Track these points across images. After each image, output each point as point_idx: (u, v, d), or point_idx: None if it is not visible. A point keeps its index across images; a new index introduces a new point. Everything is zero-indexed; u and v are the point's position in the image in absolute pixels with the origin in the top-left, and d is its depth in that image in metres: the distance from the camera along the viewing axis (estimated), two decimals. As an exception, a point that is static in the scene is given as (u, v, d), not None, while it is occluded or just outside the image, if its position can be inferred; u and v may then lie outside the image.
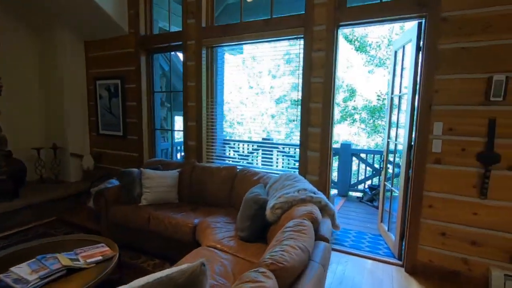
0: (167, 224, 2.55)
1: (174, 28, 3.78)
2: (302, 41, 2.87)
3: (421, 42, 2.48)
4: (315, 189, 2.24)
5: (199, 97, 3.49)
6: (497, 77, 2.15)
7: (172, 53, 4.92)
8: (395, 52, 3.16)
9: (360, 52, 7.68)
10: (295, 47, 2.96)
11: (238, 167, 3.17)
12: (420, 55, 2.49)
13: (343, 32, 7.44)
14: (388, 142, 3.32)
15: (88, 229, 3.32)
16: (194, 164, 3.31)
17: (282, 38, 2.99)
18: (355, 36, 7.36)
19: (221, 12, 4.30)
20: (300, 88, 2.90)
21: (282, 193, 2.09)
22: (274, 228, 2.03)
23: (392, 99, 3.27)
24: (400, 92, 3.02)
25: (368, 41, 7.46)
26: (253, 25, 3.06)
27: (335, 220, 2.09)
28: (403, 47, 2.92)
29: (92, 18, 3.72)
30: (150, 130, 4.05)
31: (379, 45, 7.47)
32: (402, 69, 2.99)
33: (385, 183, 3.34)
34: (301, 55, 2.88)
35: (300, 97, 2.92)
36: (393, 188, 3.09)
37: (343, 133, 8.56)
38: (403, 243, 2.71)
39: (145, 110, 3.97)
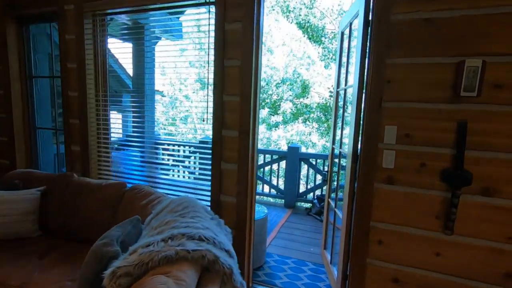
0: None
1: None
2: (214, 9, 2.03)
3: (370, 14, 1.77)
4: (208, 231, 1.42)
5: (83, 85, 2.51)
6: (471, 62, 1.49)
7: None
8: (342, 34, 2.46)
9: (314, 42, 7.05)
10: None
11: (129, 184, 2.26)
12: (369, 32, 1.77)
13: (298, 19, 6.73)
14: (333, 149, 2.62)
15: None
16: (70, 179, 2.34)
17: (188, 2, 2.13)
18: (309, 23, 6.67)
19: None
20: (209, 75, 2.07)
21: (142, 243, 1.25)
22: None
23: (338, 94, 2.56)
24: (346, 84, 2.32)
25: (324, 31, 6.83)
26: (150, -16, 2.17)
27: (231, 281, 1.29)
28: (350, 25, 2.21)
29: None
30: (28, 128, 2.98)
31: (335, 35, 6.88)
32: (348, 54, 2.29)
33: (329, 200, 2.65)
34: (212, 28, 2.04)
35: (210, 88, 2.08)
36: (336, 210, 2.39)
37: (300, 133, 7.96)
38: (347, 285, 2.01)
39: (18, 101, 2.89)
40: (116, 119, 2.98)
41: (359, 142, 1.86)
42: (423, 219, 1.67)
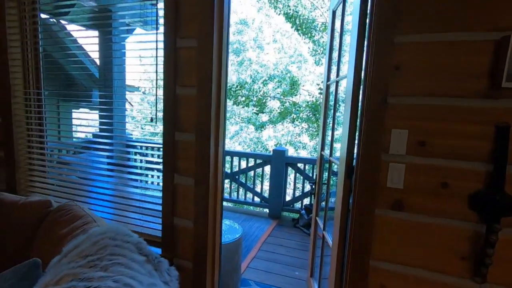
0: None
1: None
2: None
3: (372, -23, 1.28)
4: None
5: (6, 74, 1.97)
6: (518, 38, 1.03)
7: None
8: (333, 13, 1.98)
9: (304, 35, 6.55)
10: None
11: (54, 202, 1.73)
12: (370, 2, 1.29)
13: (285, 10, 6.17)
14: (321, 156, 2.15)
15: None
16: (-18, 194, 1.80)
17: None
18: (297, 13, 6.12)
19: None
20: (157, 59, 1.57)
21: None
22: None
23: (328, 88, 2.09)
24: (338, 75, 1.84)
25: (315, 22, 6.31)
26: None
27: None
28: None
29: None
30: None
31: (326, 26, 6.41)
32: (341, 37, 1.81)
33: (317, 218, 2.17)
34: (161, -4, 1.54)
35: (159, 78, 1.58)
36: (325, 233, 1.91)
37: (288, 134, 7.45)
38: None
39: None
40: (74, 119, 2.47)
41: (355, 151, 1.38)
42: (443, 260, 1.20)
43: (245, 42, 10.46)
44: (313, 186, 2.43)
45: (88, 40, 2.84)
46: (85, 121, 2.57)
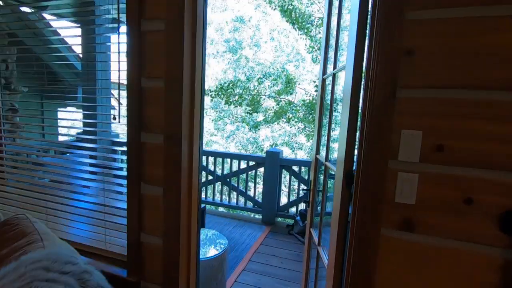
0: None
1: None
2: None
3: None
4: None
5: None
6: None
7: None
8: (330, -3, 1.73)
9: (299, 30, 6.29)
10: None
11: (1, 215, 1.48)
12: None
13: (281, 4, 5.86)
14: (316, 159, 1.90)
15: None
16: None
17: None
18: (292, 5, 5.84)
19: None
20: (119, 46, 1.32)
21: None
22: None
23: (324, 82, 1.84)
24: (336, 67, 1.59)
25: (312, 17, 6.06)
26: None
27: None
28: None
29: None
30: None
31: (323, 20, 6.19)
32: (339, 22, 1.56)
33: (311, 230, 1.93)
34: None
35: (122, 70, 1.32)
36: (320, 249, 1.66)
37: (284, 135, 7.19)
38: None
39: None
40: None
41: (355, 155, 1.14)
42: (465, 294, 0.96)
43: (241, 40, 10.22)
44: (307, 193, 2.19)
45: (56, 24, 2.59)
46: (60, 121, 2.33)
